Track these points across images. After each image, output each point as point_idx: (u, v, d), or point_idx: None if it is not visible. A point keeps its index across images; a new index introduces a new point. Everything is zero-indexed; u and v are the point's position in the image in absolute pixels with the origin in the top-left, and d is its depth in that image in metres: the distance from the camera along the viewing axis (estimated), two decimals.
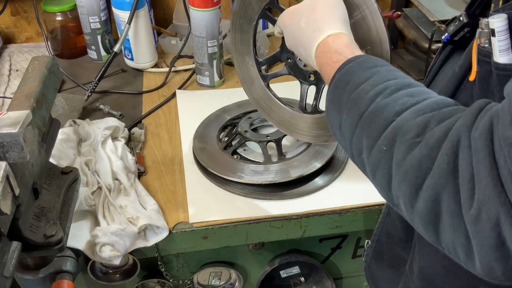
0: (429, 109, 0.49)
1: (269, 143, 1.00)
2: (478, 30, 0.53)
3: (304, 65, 0.89)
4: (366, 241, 0.84)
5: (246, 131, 1.02)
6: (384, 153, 0.51)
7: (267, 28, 1.49)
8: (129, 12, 1.19)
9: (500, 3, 0.54)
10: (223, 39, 1.24)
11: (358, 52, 0.62)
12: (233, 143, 1.03)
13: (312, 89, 0.90)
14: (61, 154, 0.90)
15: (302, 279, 1.19)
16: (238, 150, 1.01)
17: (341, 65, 0.59)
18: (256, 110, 1.10)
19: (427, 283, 0.68)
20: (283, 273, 1.16)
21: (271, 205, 0.92)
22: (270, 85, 0.99)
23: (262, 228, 0.91)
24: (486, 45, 0.52)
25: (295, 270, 1.16)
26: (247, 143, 1.02)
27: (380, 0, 1.56)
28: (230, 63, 1.34)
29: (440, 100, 0.51)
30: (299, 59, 0.87)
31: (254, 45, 0.96)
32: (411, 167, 0.47)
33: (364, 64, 0.58)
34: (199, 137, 1.05)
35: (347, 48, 0.62)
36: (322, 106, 0.79)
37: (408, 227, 0.68)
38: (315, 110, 0.90)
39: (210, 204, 0.92)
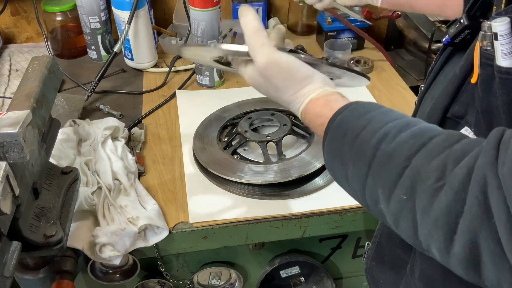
0: (441, 149, 0.48)
1: (269, 143, 1.00)
2: (481, 33, 0.53)
3: None
4: (367, 243, 0.84)
5: (246, 131, 1.02)
6: (405, 202, 0.49)
7: (267, 28, 1.49)
8: (129, 12, 1.19)
9: (503, 5, 0.53)
10: (223, 39, 1.24)
11: (339, 103, 0.59)
12: (233, 143, 1.03)
13: None
14: (61, 154, 0.90)
15: (302, 279, 1.19)
16: (238, 150, 1.01)
17: (329, 122, 0.58)
18: (256, 110, 1.10)
19: (428, 285, 0.68)
20: (283, 273, 1.16)
21: (271, 205, 0.92)
22: None
23: (262, 228, 0.91)
24: (489, 48, 0.52)
25: (295, 270, 1.16)
26: (247, 143, 1.02)
27: None
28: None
29: (447, 136, 0.49)
30: None
31: None
32: (440, 213, 0.46)
33: (355, 113, 0.57)
34: (199, 137, 1.05)
35: (326, 107, 0.60)
36: None
37: None
38: None
39: (210, 204, 0.92)
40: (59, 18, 1.34)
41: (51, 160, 0.77)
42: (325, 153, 0.59)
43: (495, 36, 0.51)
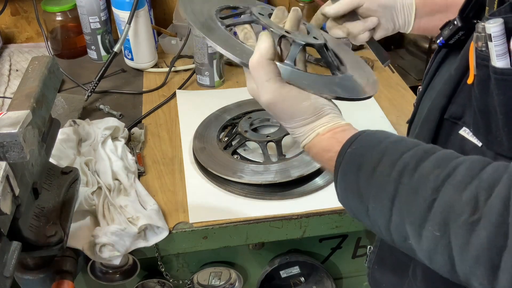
0: (469, 179, 0.46)
1: (269, 143, 1.00)
2: (475, 34, 0.53)
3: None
4: (369, 246, 0.84)
5: (246, 131, 1.02)
6: (439, 239, 0.47)
7: None
8: (129, 12, 1.19)
9: (495, 6, 0.53)
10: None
11: (346, 134, 0.58)
12: (233, 143, 1.03)
13: None
14: (61, 154, 0.90)
15: (302, 279, 1.19)
16: (238, 150, 1.01)
17: (339, 155, 0.56)
18: (256, 110, 1.10)
19: None
20: (283, 273, 1.16)
21: (271, 205, 0.92)
22: None
23: (262, 228, 0.91)
24: (484, 49, 0.52)
25: (295, 270, 1.16)
26: (247, 143, 1.02)
27: None
28: (230, 63, 1.34)
29: (471, 164, 0.48)
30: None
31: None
32: (481, 249, 0.44)
33: (366, 144, 0.55)
34: (199, 137, 1.05)
35: (333, 139, 0.58)
36: None
37: None
38: None
39: (210, 204, 0.92)
40: (59, 18, 1.34)
41: (51, 160, 0.77)
42: (338, 188, 0.57)
43: (489, 37, 0.51)
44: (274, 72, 0.59)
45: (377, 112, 1.18)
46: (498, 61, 0.50)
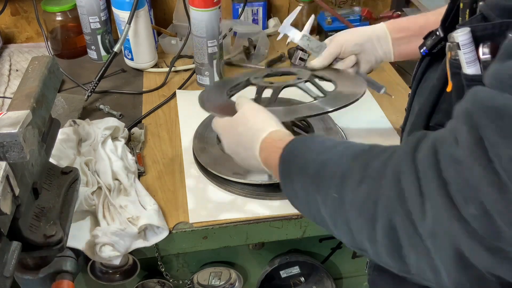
0: (362, 151, 0.55)
1: None
2: (448, 44, 0.56)
3: None
4: None
5: None
6: (338, 201, 0.54)
7: (267, 28, 1.49)
8: (129, 12, 1.19)
9: (467, 16, 0.57)
10: (223, 39, 1.24)
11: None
12: None
13: None
14: (61, 154, 0.90)
15: (302, 279, 1.19)
16: None
17: (286, 145, 0.65)
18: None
19: None
20: (283, 273, 1.16)
21: (271, 205, 0.92)
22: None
23: (262, 228, 0.91)
24: (456, 57, 0.55)
25: (295, 270, 1.16)
26: None
27: (380, 0, 1.56)
28: (230, 63, 1.34)
29: (371, 145, 0.56)
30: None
31: None
32: (361, 202, 0.51)
33: (307, 142, 0.64)
34: (199, 137, 1.04)
35: (288, 136, 0.69)
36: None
37: None
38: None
39: (210, 204, 0.92)
40: (59, 18, 1.34)
41: (51, 160, 0.77)
42: (280, 174, 0.66)
43: (458, 46, 0.54)
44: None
45: (377, 112, 1.18)
46: (468, 68, 0.53)
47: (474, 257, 0.43)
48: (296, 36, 1.00)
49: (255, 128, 0.73)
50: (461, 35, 0.53)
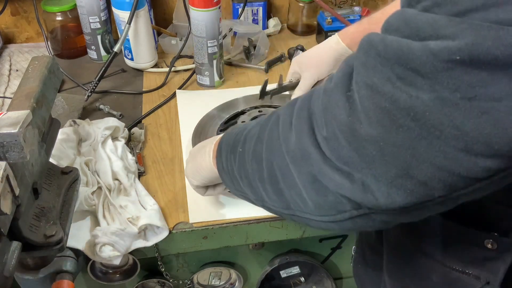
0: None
1: None
2: None
3: None
4: (353, 247, 0.85)
5: None
6: (241, 154, 0.60)
7: (267, 28, 1.49)
8: (129, 12, 1.19)
9: None
10: (223, 39, 1.24)
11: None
12: None
13: None
14: (61, 154, 0.90)
15: (302, 279, 1.19)
16: None
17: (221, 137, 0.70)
18: (256, 108, 1.10)
19: (393, 277, 0.70)
20: (283, 273, 1.16)
21: None
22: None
23: (262, 228, 0.91)
24: None
25: (295, 270, 1.16)
26: None
27: (380, 0, 1.56)
28: (230, 63, 1.34)
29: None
30: None
31: None
32: (254, 147, 0.57)
33: (234, 128, 0.69)
34: (199, 137, 1.04)
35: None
36: None
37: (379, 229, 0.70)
38: None
39: (210, 204, 0.92)
40: (59, 18, 1.34)
41: (51, 160, 0.77)
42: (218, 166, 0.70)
43: None
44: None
45: None
46: None
47: (324, 180, 0.46)
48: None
49: (205, 144, 0.78)
50: None
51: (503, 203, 0.51)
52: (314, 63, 0.98)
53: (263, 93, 1.05)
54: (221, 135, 0.71)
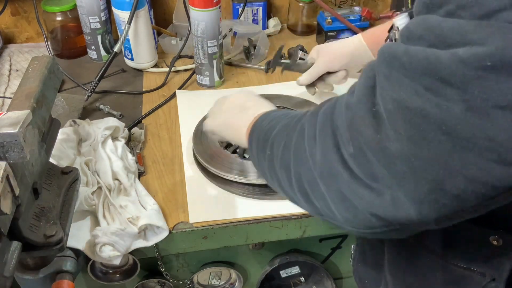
0: (292, 117, 0.61)
1: None
2: (392, 32, 0.59)
3: None
4: (353, 245, 0.85)
5: None
6: (269, 157, 0.60)
7: (267, 28, 1.49)
8: (129, 12, 1.19)
9: (409, 5, 0.60)
10: (223, 39, 1.24)
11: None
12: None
13: None
14: (61, 154, 0.90)
15: (302, 279, 1.19)
16: (238, 150, 1.01)
17: (256, 120, 0.71)
18: None
19: (394, 275, 0.69)
20: (283, 273, 1.16)
21: (271, 205, 0.92)
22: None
23: (262, 228, 0.91)
24: (395, 39, 0.60)
25: (295, 270, 1.16)
26: None
27: (380, 0, 1.56)
28: (230, 63, 1.34)
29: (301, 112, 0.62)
30: None
31: None
32: (281, 154, 0.58)
33: (266, 115, 0.70)
34: (199, 137, 1.04)
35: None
36: None
37: None
38: None
39: (210, 204, 0.92)
40: (59, 18, 1.34)
41: (51, 160, 0.77)
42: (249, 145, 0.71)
43: (397, 29, 0.57)
44: None
45: None
46: None
47: (353, 198, 0.46)
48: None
49: (248, 106, 0.77)
50: (399, 19, 0.57)
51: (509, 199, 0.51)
52: (330, 53, 1.00)
53: (276, 62, 1.07)
54: (260, 112, 0.72)
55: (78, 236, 0.82)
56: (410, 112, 0.39)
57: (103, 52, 1.36)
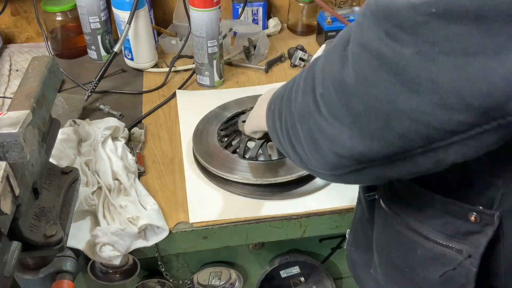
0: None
1: (269, 143, 1.00)
2: None
3: None
4: (347, 230, 0.85)
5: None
6: (272, 113, 0.65)
7: (267, 28, 1.49)
8: (129, 12, 1.19)
9: None
10: (223, 39, 1.24)
11: None
12: (233, 142, 1.03)
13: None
14: (61, 154, 0.90)
15: (302, 279, 1.19)
16: (238, 150, 1.01)
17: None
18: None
19: (381, 255, 0.71)
20: (283, 273, 1.16)
21: (271, 205, 0.92)
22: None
23: (262, 228, 0.91)
24: None
25: (295, 270, 1.16)
26: (247, 142, 1.02)
27: None
28: (230, 63, 1.34)
29: None
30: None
31: None
32: (279, 107, 0.62)
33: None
34: (199, 137, 1.04)
35: None
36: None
37: (371, 206, 0.71)
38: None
39: (210, 204, 0.92)
40: (59, 18, 1.34)
41: (51, 160, 0.77)
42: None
43: None
44: None
45: None
46: None
47: (320, 137, 0.51)
48: None
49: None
50: None
51: (488, 173, 0.52)
52: None
53: None
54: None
55: (78, 236, 0.82)
56: (370, 54, 0.43)
57: (103, 52, 1.36)
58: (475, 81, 0.37)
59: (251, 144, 1.02)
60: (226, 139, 1.04)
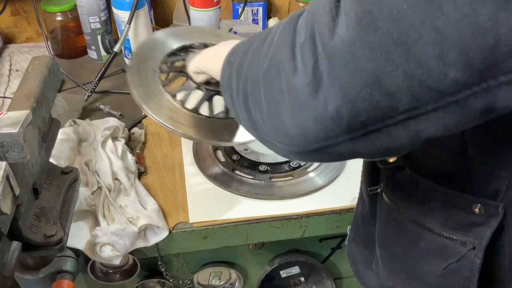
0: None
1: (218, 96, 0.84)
2: None
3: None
4: (349, 226, 0.85)
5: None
6: (231, 68, 0.57)
7: (267, 28, 1.49)
8: (129, 12, 1.19)
9: None
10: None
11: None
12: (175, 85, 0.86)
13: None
14: (61, 154, 0.90)
15: (302, 279, 1.19)
16: (178, 95, 0.84)
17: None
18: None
19: (384, 249, 0.70)
20: (283, 273, 1.16)
21: (271, 205, 0.92)
22: None
23: (262, 228, 0.91)
24: None
25: (295, 270, 1.16)
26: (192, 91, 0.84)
27: None
28: None
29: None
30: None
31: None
32: (239, 62, 0.54)
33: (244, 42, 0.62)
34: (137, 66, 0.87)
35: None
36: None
37: (373, 200, 0.71)
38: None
39: (210, 204, 0.92)
40: (59, 18, 1.34)
41: (51, 160, 0.77)
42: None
43: None
44: None
45: None
46: None
47: (289, 98, 0.44)
48: None
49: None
50: None
51: (493, 165, 0.51)
52: None
53: None
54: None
55: (78, 236, 0.82)
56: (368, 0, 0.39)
57: (103, 52, 1.36)
58: (482, 33, 0.34)
59: (196, 94, 0.85)
60: (168, 76, 0.86)
